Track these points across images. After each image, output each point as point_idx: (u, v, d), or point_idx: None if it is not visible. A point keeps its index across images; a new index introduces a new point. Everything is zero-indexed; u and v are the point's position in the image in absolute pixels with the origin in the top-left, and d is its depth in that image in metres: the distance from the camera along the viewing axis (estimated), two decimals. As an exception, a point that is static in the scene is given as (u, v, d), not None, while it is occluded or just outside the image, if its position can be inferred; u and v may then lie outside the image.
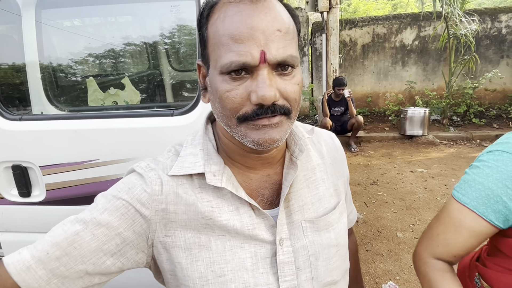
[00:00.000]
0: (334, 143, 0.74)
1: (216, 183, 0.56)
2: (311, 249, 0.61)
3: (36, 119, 1.34)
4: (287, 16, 0.52)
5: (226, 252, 0.57)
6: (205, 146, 0.61)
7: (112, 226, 0.54)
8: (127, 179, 0.59)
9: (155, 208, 0.56)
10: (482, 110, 6.51)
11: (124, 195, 0.56)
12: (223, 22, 0.49)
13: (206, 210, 0.57)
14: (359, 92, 7.23)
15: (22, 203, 1.39)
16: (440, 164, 4.46)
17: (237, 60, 0.47)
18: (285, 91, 0.50)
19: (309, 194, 0.64)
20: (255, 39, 0.47)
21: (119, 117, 1.29)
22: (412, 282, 2.19)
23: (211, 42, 0.51)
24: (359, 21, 7.00)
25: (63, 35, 1.56)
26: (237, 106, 0.49)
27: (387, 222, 2.99)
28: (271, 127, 0.51)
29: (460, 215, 0.70)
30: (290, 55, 0.49)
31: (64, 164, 1.32)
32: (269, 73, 0.48)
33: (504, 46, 6.49)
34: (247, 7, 0.48)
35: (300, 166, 0.64)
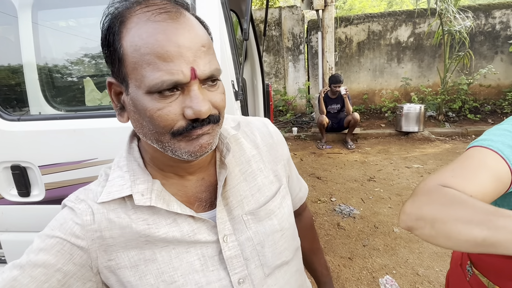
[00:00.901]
0: (268, 129, 0.74)
1: (145, 202, 0.56)
2: (256, 239, 0.64)
3: (34, 120, 1.35)
4: (203, 29, 0.53)
5: (172, 260, 0.58)
6: (130, 166, 0.60)
7: (49, 264, 0.54)
8: (59, 215, 0.59)
9: (91, 237, 0.56)
10: (477, 105, 6.57)
11: (57, 232, 0.56)
12: (145, 40, 0.47)
13: (142, 229, 0.57)
14: (355, 89, 7.26)
15: (22, 202, 1.40)
16: (436, 160, 4.50)
17: (169, 79, 0.47)
18: (215, 102, 0.52)
19: (248, 186, 0.66)
20: (184, 57, 0.47)
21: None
22: (409, 276, 2.23)
23: (130, 61, 0.49)
24: (354, 18, 7.03)
25: (60, 36, 1.57)
26: (171, 122, 0.50)
27: (384, 218, 3.02)
28: (202, 135, 0.52)
29: (482, 155, 0.61)
30: (216, 68, 0.51)
31: (63, 164, 1.33)
32: (199, 88, 0.50)
33: (498, 42, 6.54)
34: (170, 24, 0.48)
35: (234, 162, 0.66)
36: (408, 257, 2.43)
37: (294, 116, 7.29)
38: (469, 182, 0.57)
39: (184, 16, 0.50)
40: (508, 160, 0.59)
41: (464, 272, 0.82)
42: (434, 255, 2.42)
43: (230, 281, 0.61)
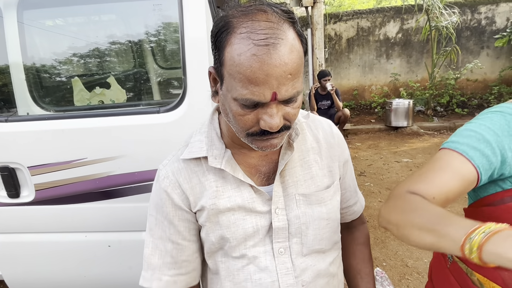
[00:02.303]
0: (331, 130, 0.81)
1: (216, 164, 0.68)
2: (303, 219, 0.72)
3: (22, 120, 1.35)
4: (298, 51, 0.56)
5: (231, 225, 0.70)
6: (210, 133, 0.72)
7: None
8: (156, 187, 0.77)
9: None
10: (464, 100, 6.68)
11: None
12: (241, 60, 0.53)
13: (212, 191, 0.69)
14: (345, 85, 7.32)
15: (11, 204, 1.39)
16: (424, 154, 4.58)
17: (251, 98, 0.55)
18: (288, 115, 0.59)
19: (302, 172, 0.74)
20: (269, 84, 0.54)
21: (106, 115, 1.30)
22: (398, 268, 2.28)
23: (227, 69, 0.56)
24: (344, 15, 7.07)
25: (47, 36, 1.56)
26: (248, 127, 0.59)
27: (374, 211, 3.08)
28: (273, 137, 0.61)
29: (448, 157, 0.67)
30: (297, 91, 0.57)
31: (52, 164, 1.33)
32: (277, 107, 0.57)
33: (484, 37, 6.66)
34: (265, 54, 0.52)
35: (296, 148, 0.73)
36: (397, 250, 2.48)
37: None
38: (434, 184, 0.65)
39: (281, 45, 0.53)
40: (473, 161, 0.64)
41: (445, 259, 0.84)
42: (423, 247, 2.48)
43: (272, 249, 0.71)
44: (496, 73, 6.72)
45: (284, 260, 0.71)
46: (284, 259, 0.71)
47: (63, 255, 1.47)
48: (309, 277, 0.73)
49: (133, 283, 1.47)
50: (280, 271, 0.71)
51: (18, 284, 1.57)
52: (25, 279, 1.54)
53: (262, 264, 0.71)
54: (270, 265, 0.71)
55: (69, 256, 1.47)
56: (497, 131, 0.65)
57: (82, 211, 1.38)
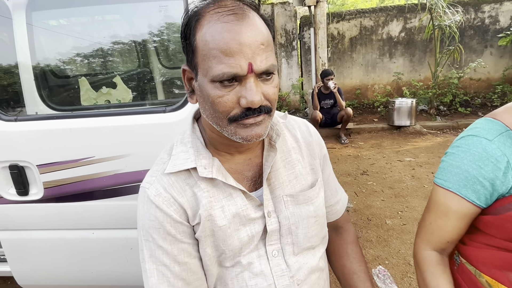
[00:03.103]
0: (308, 129, 0.82)
1: (207, 174, 0.66)
2: (292, 219, 0.73)
3: (31, 119, 1.37)
4: (266, 29, 0.59)
5: (227, 238, 0.68)
6: (194, 143, 0.69)
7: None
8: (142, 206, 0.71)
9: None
10: (467, 99, 6.66)
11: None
12: (213, 37, 0.55)
13: (206, 201, 0.67)
14: (348, 84, 7.31)
15: (20, 201, 1.42)
16: (427, 153, 4.58)
17: (228, 71, 0.54)
18: (267, 94, 0.59)
19: (286, 173, 0.75)
20: (244, 53, 0.54)
21: (113, 115, 1.33)
22: (400, 266, 2.29)
23: (201, 53, 0.57)
24: (346, 14, 7.06)
25: (55, 36, 1.59)
26: (228, 109, 0.58)
27: (377, 210, 3.09)
28: (257, 125, 0.60)
29: (446, 200, 0.73)
30: (272, 64, 0.58)
31: (60, 163, 1.36)
32: (255, 81, 0.57)
33: (488, 36, 6.63)
34: (235, 24, 0.54)
35: (278, 149, 0.73)
36: (400, 248, 2.49)
37: (288, 112, 7.31)
38: (445, 233, 0.76)
39: (248, 17, 0.56)
40: (468, 198, 0.70)
41: (452, 261, 0.85)
42: (425, 245, 2.49)
43: (266, 252, 0.71)
44: (499, 72, 6.69)
45: (278, 262, 0.72)
46: (278, 261, 0.72)
47: (71, 251, 1.50)
48: (303, 275, 0.74)
49: (139, 280, 1.50)
50: (276, 274, 0.71)
51: (27, 280, 1.60)
52: (33, 275, 1.57)
53: (257, 269, 0.71)
54: (265, 269, 0.71)
55: (77, 252, 1.50)
56: (478, 162, 0.68)
57: (90, 208, 1.41)
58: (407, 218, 2.91)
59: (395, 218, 2.92)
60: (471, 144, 0.71)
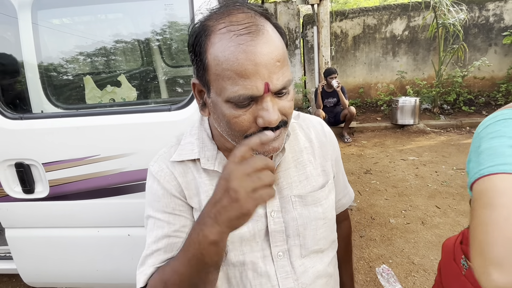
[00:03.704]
0: (323, 129, 0.81)
1: (209, 166, 0.67)
2: (300, 220, 0.71)
3: (37, 118, 1.38)
4: (280, 40, 0.57)
5: None
6: (201, 135, 0.70)
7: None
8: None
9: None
10: (471, 98, 6.63)
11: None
12: (226, 57, 0.52)
13: (207, 189, 0.67)
14: (351, 83, 7.29)
15: (26, 199, 1.43)
16: (431, 152, 4.56)
17: (244, 93, 0.52)
18: (284, 109, 0.57)
19: (297, 173, 0.73)
20: (260, 74, 0.52)
21: (118, 113, 1.33)
22: (404, 265, 2.29)
23: (213, 71, 0.55)
24: (350, 12, 7.04)
25: (60, 35, 1.59)
26: (245, 129, 0.56)
27: (380, 209, 3.08)
28: (274, 140, 0.58)
29: (509, 183, 0.55)
30: (288, 80, 0.56)
31: (66, 161, 1.36)
32: (272, 99, 0.55)
33: (492, 34, 6.59)
34: (249, 43, 0.52)
35: (288, 149, 0.73)
36: (403, 247, 2.49)
37: (291, 111, 7.30)
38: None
39: (263, 33, 0.53)
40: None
41: (458, 266, 0.81)
42: (429, 244, 2.49)
43: (271, 253, 0.70)
44: (504, 71, 6.65)
45: (283, 264, 0.71)
46: (283, 263, 0.71)
47: (76, 249, 1.51)
48: (309, 279, 0.73)
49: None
50: (280, 275, 0.70)
51: (32, 277, 1.61)
52: (38, 273, 1.58)
53: (261, 270, 0.70)
54: (270, 270, 0.70)
55: (82, 250, 1.51)
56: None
57: (95, 206, 1.42)
58: (410, 217, 2.91)
59: (398, 217, 2.92)
60: (507, 126, 0.62)
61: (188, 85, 2.17)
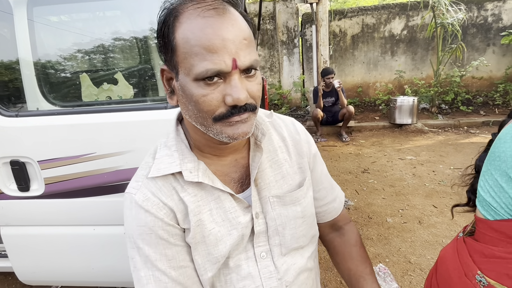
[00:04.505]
0: (295, 127, 0.80)
1: (193, 178, 0.64)
2: (278, 220, 0.71)
3: (32, 115, 1.37)
4: (246, 25, 0.58)
5: (218, 243, 0.66)
6: (179, 146, 0.67)
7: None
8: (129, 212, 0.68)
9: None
10: (469, 97, 6.64)
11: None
12: (194, 34, 0.53)
13: (194, 206, 0.65)
14: (350, 82, 7.30)
15: (21, 197, 1.42)
16: (428, 151, 4.57)
17: (212, 68, 0.52)
18: (252, 91, 0.57)
19: (273, 173, 0.73)
20: (227, 49, 0.52)
21: (114, 111, 1.32)
22: (401, 264, 2.29)
23: (181, 51, 0.55)
24: (348, 11, 7.03)
25: (56, 32, 1.58)
26: (213, 108, 0.56)
27: (377, 208, 3.09)
28: (242, 122, 0.58)
29: None
30: (255, 59, 0.56)
31: (61, 158, 1.36)
32: (239, 78, 0.55)
33: (490, 34, 6.60)
34: (216, 20, 0.53)
35: (264, 149, 0.72)
36: (400, 246, 2.49)
37: (289, 109, 7.32)
38: None
39: (229, 12, 0.55)
40: None
41: (472, 282, 0.73)
42: (426, 244, 2.49)
43: (254, 254, 0.70)
44: (502, 71, 6.67)
45: (266, 264, 0.71)
46: (266, 263, 0.71)
47: (72, 247, 1.50)
48: (291, 277, 0.73)
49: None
50: (264, 275, 0.70)
51: (28, 276, 1.60)
52: (34, 271, 1.57)
53: (245, 271, 0.69)
54: (253, 271, 0.70)
55: (78, 248, 1.50)
56: None
57: (91, 204, 1.41)
58: (407, 216, 2.91)
59: (395, 216, 2.92)
60: None
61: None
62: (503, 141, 0.66)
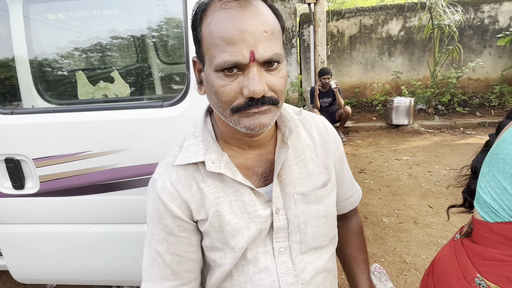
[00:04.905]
0: (325, 126, 0.80)
1: (215, 169, 0.65)
2: (301, 218, 0.71)
3: (28, 113, 1.37)
4: (272, 17, 0.58)
5: (236, 234, 0.68)
6: (205, 137, 0.69)
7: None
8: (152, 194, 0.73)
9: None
10: (465, 99, 6.68)
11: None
12: (216, 25, 0.55)
13: (213, 197, 0.67)
14: (347, 83, 7.31)
15: (16, 195, 1.42)
16: (424, 152, 4.59)
17: (230, 60, 0.53)
18: (273, 84, 0.57)
19: (298, 170, 0.73)
20: (245, 41, 0.53)
21: (110, 109, 1.32)
22: (396, 264, 2.30)
23: (206, 43, 0.57)
24: (346, 12, 7.05)
25: (52, 30, 1.58)
26: (231, 99, 0.57)
27: (373, 208, 3.10)
28: (260, 114, 0.58)
29: None
30: (276, 53, 0.56)
31: (57, 156, 1.35)
32: (258, 70, 0.55)
33: (487, 36, 6.64)
34: (237, 12, 0.54)
35: (291, 146, 0.72)
36: (396, 246, 2.51)
37: (287, 109, 7.30)
38: None
39: (252, 4, 0.55)
40: None
41: (471, 285, 0.72)
42: (421, 244, 2.50)
43: (272, 248, 0.71)
44: (498, 72, 6.71)
45: (284, 259, 0.71)
46: (284, 259, 0.71)
47: (67, 246, 1.50)
48: (309, 276, 0.73)
49: (135, 275, 1.50)
50: (281, 271, 0.71)
51: (22, 274, 1.60)
52: (29, 269, 1.57)
53: (262, 265, 0.70)
54: (270, 265, 0.70)
55: (73, 247, 1.50)
56: None
57: (86, 203, 1.41)
58: (403, 216, 2.92)
59: (391, 217, 2.93)
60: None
61: (182, 82, 2.16)
62: (507, 143, 0.66)
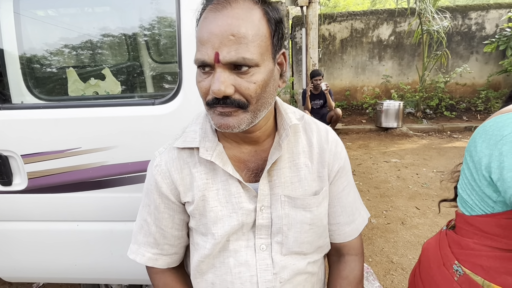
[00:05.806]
0: (327, 136, 0.78)
1: (206, 156, 0.69)
2: (285, 220, 0.72)
3: (17, 108, 1.35)
4: (253, 22, 0.57)
5: (218, 220, 0.71)
6: (204, 125, 0.73)
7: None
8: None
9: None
10: (453, 103, 6.82)
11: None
12: (199, 25, 0.60)
13: (201, 183, 0.71)
14: (338, 85, 7.39)
15: (3, 192, 1.40)
16: (413, 155, 4.67)
17: (199, 58, 0.58)
18: (240, 87, 0.58)
19: (290, 174, 0.74)
20: (211, 42, 0.56)
21: (101, 106, 1.32)
22: (383, 264, 2.34)
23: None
24: (338, 16, 7.13)
25: (42, 26, 1.56)
26: (204, 94, 0.62)
27: (362, 209, 3.13)
28: (226, 115, 0.60)
29: None
30: (242, 57, 0.55)
31: (46, 153, 1.34)
32: (223, 72, 0.57)
33: (474, 42, 6.80)
34: (214, 14, 0.57)
35: (286, 149, 0.73)
36: (383, 246, 2.54)
37: (278, 111, 7.34)
38: None
39: (231, 7, 0.57)
40: None
41: (449, 271, 0.75)
42: (408, 244, 2.55)
43: (254, 244, 0.73)
44: (484, 78, 6.87)
45: (264, 256, 0.72)
46: (264, 255, 0.72)
47: (55, 244, 1.48)
48: (288, 275, 0.74)
49: (124, 273, 1.49)
50: (260, 267, 0.72)
51: (8, 272, 1.57)
52: (15, 267, 1.54)
53: (242, 258, 0.72)
54: (251, 260, 0.72)
55: (61, 245, 1.48)
56: None
57: (75, 200, 1.39)
58: (391, 217, 2.97)
59: (379, 217, 2.98)
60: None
61: (174, 82, 2.16)
62: (472, 140, 0.71)
